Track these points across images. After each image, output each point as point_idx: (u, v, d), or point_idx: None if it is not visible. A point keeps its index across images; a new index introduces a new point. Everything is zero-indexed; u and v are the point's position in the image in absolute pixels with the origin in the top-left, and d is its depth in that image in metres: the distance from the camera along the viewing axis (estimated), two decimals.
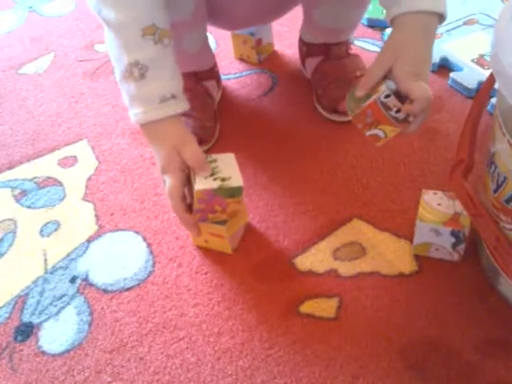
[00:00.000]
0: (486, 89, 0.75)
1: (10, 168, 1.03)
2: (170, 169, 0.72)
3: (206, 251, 0.83)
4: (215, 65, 1.08)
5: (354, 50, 1.07)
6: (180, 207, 0.73)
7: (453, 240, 0.74)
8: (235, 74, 1.17)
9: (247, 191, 0.86)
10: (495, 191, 0.67)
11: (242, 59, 1.21)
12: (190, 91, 0.98)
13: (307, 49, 1.07)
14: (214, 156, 0.76)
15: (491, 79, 0.74)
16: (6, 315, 0.79)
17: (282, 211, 0.87)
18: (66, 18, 1.47)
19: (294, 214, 0.86)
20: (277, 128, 1.03)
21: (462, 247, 0.74)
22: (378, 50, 1.17)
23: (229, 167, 0.76)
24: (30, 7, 1.53)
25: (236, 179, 0.75)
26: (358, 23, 1.03)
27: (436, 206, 0.76)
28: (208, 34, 1.05)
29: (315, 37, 1.05)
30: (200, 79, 1.02)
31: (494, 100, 0.95)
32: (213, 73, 1.07)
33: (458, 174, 0.71)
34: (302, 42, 1.10)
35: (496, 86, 0.75)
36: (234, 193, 0.75)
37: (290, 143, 0.99)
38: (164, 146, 0.72)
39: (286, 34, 1.25)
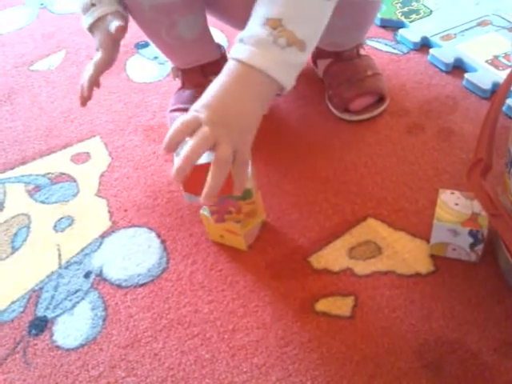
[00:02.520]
0: (504, 89, 0.75)
1: (23, 163, 1.03)
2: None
3: (221, 248, 0.83)
4: (222, 58, 1.07)
5: (367, 51, 1.07)
6: (91, 75, 0.83)
7: (471, 240, 0.74)
8: None
9: (260, 189, 0.86)
10: None
11: None
12: (198, 87, 0.97)
13: (317, 51, 1.07)
14: None
15: (509, 80, 0.73)
16: (21, 309, 0.79)
17: (296, 210, 0.87)
18: (77, 15, 1.46)
19: (309, 213, 0.86)
20: (289, 127, 1.02)
21: (480, 248, 0.74)
22: (391, 50, 1.17)
23: None
24: (42, 4, 1.54)
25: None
26: (365, 34, 1.03)
27: (453, 205, 0.75)
28: (219, 31, 1.04)
29: (322, 46, 1.04)
30: (206, 74, 1.01)
31: (510, 101, 0.94)
32: (221, 67, 1.06)
33: (476, 174, 0.70)
34: None
35: None
36: (244, 195, 0.74)
37: (303, 142, 0.99)
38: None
39: None
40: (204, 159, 0.68)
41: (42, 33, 1.40)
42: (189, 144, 0.63)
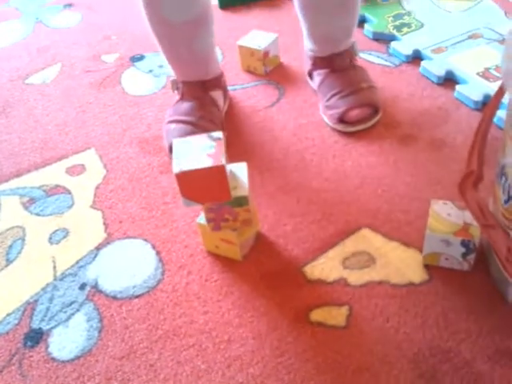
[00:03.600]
0: (494, 101, 0.76)
1: (18, 176, 1.04)
2: None
3: (216, 259, 0.83)
4: (222, 75, 1.09)
5: (359, 63, 1.08)
6: None
7: (463, 250, 0.74)
8: (242, 85, 1.18)
9: (255, 200, 0.86)
10: (506, 202, 0.68)
11: (249, 71, 1.22)
12: (198, 99, 1.00)
13: (312, 62, 1.09)
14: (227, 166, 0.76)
15: (500, 92, 0.75)
16: (16, 321, 0.79)
17: (290, 220, 0.87)
18: (72, 29, 1.48)
19: (303, 224, 0.87)
20: (284, 138, 1.03)
21: (472, 257, 0.75)
22: (384, 62, 1.18)
23: (237, 177, 0.77)
24: (37, 18, 1.55)
25: (241, 189, 0.76)
26: (353, 31, 1.05)
27: (446, 216, 0.76)
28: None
29: (316, 49, 1.06)
30: (207, 88, 1.03)
31: (500, 112, 0.96)
32: (220, 82, 1.08)
33: (467, 185, 0.72)
34: (306, 55, 1.11)
35: (504, 99, 0.76)
36: (240, 202, 0.75)
37: (298, 153, 0.99)
38: None
39: (292, 47, 1.27)
40: (202, 164, 0.69)
41: (37, 46, 1.42)
42: None
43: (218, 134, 0.74)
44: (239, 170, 0.78)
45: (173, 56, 1.02)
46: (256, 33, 1.22)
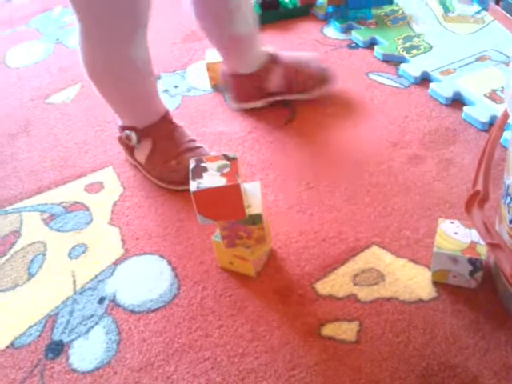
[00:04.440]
0: (500, 123, 0.79)
1: (38, 193, 1.07)
2: None
3: (230, 275, 0.86)
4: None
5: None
6: None
7: (470, 268, 0.77)
8: (255, 103, 1.21)
9: (268, 218, 0.89)
10: (511, 221, 0.70)
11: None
12: (173, 131, 1.06)
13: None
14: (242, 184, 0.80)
15: (506, 114, 0.77)
16: (38, 333, 0.82)
17: (302, 238, 0.90)
18: None
19: (314, 241, 0.89)
20: (295, 157, 1.06)
21: (479, 275, 0.77)
22: (393, 83, 1.21)
23: (251, 195, 0.80)
24: (57, 39, 1.60)
25: (255, 207, 0.79)
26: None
27: (453, 234, 0.78)
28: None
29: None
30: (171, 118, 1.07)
31: (506, 134, 0.98)
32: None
33: (474, 204, 0.74)
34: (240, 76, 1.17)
35: (510, 120, 0.79)
36: (254, 220, 0.79)
37: (309, 172, 1.02)
38: None
39: None
40: (218, 183, 0.72)
41: (57, 67, 1.46)
42: None
43: (233, 154, 0.77)
44: (253, 189, 0.81)
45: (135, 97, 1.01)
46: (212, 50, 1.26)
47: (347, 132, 1.11)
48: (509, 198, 0.71)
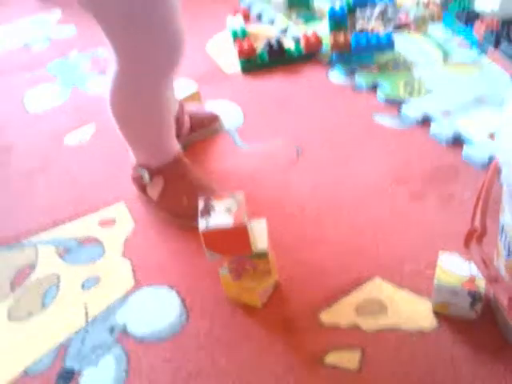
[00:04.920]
0: (496, 165, 0.82)
1: (54, 227, 1.12)
2: None
3: (237, 305, 0.88)
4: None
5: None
6: None
7: (470, 300, 0.79)
8: (263, 144, 1.26)
9: (274, 250, 0.92)
10: (508, 256, 0.73)
11: None
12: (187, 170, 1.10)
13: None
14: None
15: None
16: (50, 362, 0.84)
17: (306, 269, 0.93)
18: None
19: (319, 273, 0.92)
20: (300, 195, 1.10)
21: (479, 306, 0.79)
22: (395, 124, 1.26)
23: (257, 232, 0.84)
24: (73, 84, 1.67)
25: (261, 243, 0.83)
26: None
27: (453, 267, 0.81)
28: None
29: None
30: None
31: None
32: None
33: (472, 240, 0.77)
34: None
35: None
36: (260, 255, 0.83)
37: (313, 207, 1.06)
38: None
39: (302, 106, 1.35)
40: (226, 223, 0.76)
41: (74, 109, 1.53)
42: None
43: (240, 194, 0.82)
44: (259, 225, 0.85)
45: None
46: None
47: (351, 169, 1.15)
48: (504, 235, 0.74)
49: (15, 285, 1.00)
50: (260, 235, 0.84)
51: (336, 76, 1.49)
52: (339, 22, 1.53)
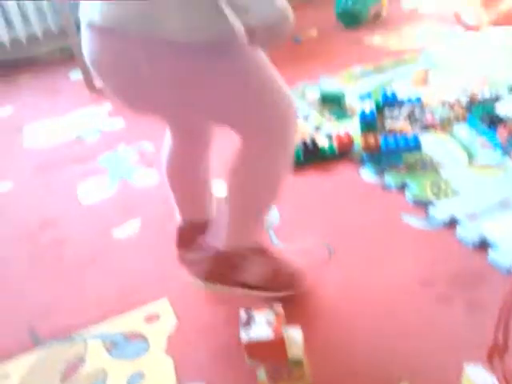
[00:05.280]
0: None
1: (102, 320, 1.20)
2: None
3: None
4: None
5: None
6: None
7: None
8: (297, 242, 1.34)
9: (307, 354, 0.98)
10: None
11: None
12: None
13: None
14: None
15: None
16: None
17: (338, 371, 0.99)
18: (152, 187, 1.71)
19: (350, 374, 0.98)
20: (327, 300, 1.17)
21: None
22: (422, 226, 1.33)
23: (293, 340, 0.91)
24: (121, 176, 1.80)
25: (297, 351, 0.91)
26: None
27: (477, 380, 0.85)
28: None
29: None
30: None
31: None
32: None
33: (494, 355, 0.82)
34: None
35: None
36: (295, 362, 0.90)
37: (342, 317, 1.13)
38: None
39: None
40: (266, 335, 0.84)
41: (121, 202, 1.65)
42: None
43: (279, 306, 0.90)
44: (295, 334, 0.93)
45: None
46: None
47: (379, 270, 1.22)
48: None
49: (66, 378, 1.07)
50: (295, 343, 0.91)
51: (367, 174, 1.58)
52: (369, 124, 1.64)
